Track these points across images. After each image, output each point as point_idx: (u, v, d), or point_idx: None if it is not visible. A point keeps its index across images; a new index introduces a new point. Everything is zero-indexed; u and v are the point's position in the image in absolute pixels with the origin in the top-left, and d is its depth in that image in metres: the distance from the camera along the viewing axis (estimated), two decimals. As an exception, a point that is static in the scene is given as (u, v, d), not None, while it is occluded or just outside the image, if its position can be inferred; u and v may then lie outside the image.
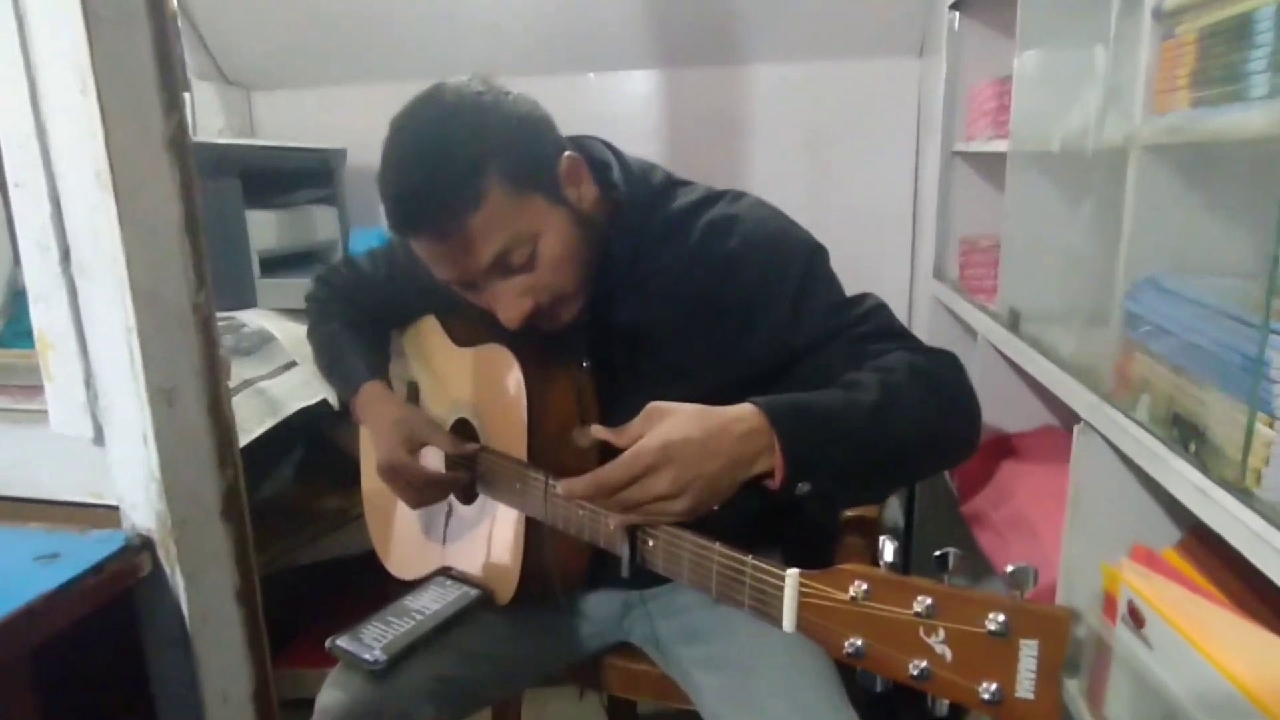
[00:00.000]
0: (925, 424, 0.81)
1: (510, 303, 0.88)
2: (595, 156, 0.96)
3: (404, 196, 0.84)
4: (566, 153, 0.89)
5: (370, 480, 1.23)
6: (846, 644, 0.62)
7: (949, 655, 0.58)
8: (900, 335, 0.90)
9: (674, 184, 1.00)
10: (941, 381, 0.84)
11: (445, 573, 1.05)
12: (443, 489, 1.06)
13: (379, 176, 0.87)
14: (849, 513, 1.22)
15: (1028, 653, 0.55)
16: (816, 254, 0.94)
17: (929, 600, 0.58)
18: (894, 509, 1.93)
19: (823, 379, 0.83)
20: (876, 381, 0.80)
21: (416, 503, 1.07)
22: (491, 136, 0.84)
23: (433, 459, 1.11)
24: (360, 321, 1.19)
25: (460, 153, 0.82)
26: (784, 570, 0.67)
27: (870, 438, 0.78)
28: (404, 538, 1.16)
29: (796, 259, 0.92)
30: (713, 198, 0.97)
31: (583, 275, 0.91)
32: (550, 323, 0.92)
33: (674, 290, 0.94)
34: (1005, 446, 1.48)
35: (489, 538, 1.03)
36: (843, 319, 0.90)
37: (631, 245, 0.93)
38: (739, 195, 0.98)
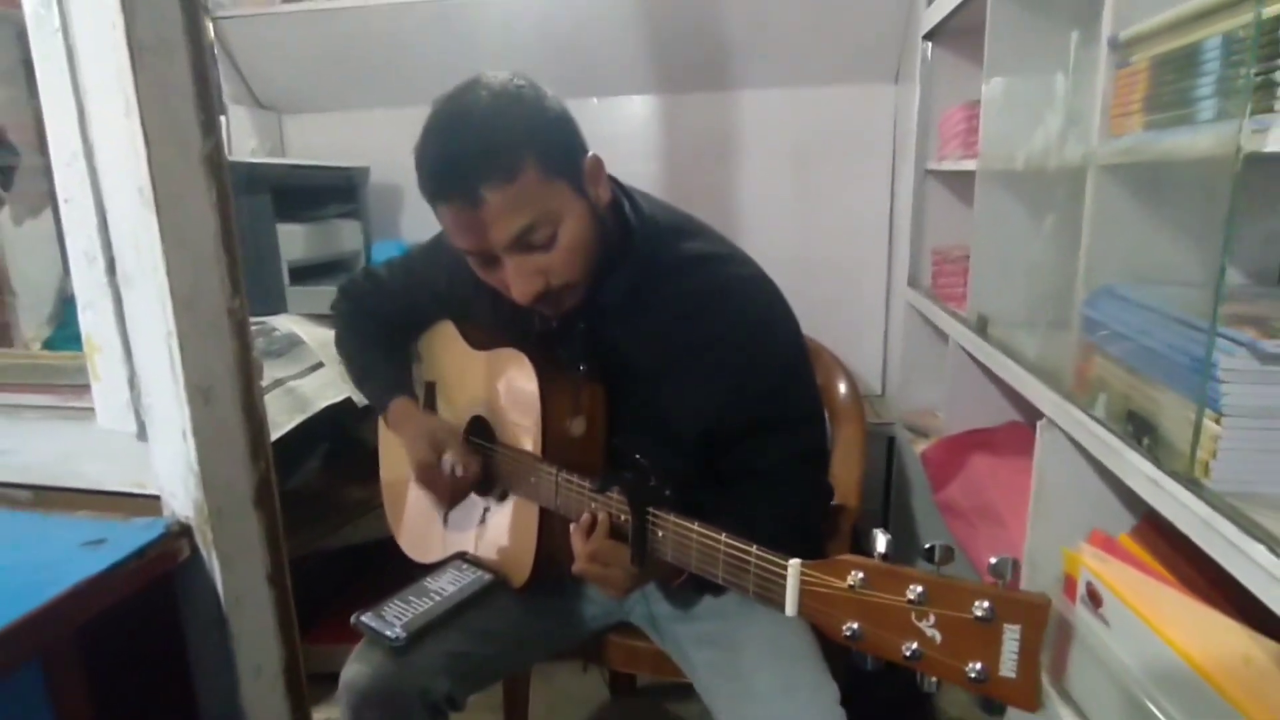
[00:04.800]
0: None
1: (524, 279, 0.84)
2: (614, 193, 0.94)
3: (444, 161, 0.81)
4: (591, 153, 0.88)
5: (388, 472, 1.22)
6: (845, 628, 0.62)
7: (939, 638, 0.58)
8: (815, 460, 0.99)
9: (683, 229, 0.97)
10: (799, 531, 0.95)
11: (461, 557, 1.05)
12: (466, 487, 1.06)
13: (417, 147, 0.84)
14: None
15: (1010, 636, 0.55)
16: (798, 355, 0.96)
17: (920, 589, 0.58)
18: (874, 498, 1.93)
19: (743, 460, 0.94)
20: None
21: (448, 501, 1.08)
22: (530, 121, 0.82)
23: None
24: (383, 336, 1.17)
25: (501, 128, 0.81)
26: (786, 560, 0.67)
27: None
28: (417, 525, 1.16)
29: (778, 356, 0.93)
30: (721, 257, 0.95)
31: (591, 266, 0.88)
32: (554, 307, 0.89)
33: (660, 329, 0.92)
34: (974, 441, 1.48)
35: (504, 527, 1.03)
36: (791, 432, 0.95)
37: (636, 275, 0.92)
38: (745, 262, 0.96)
